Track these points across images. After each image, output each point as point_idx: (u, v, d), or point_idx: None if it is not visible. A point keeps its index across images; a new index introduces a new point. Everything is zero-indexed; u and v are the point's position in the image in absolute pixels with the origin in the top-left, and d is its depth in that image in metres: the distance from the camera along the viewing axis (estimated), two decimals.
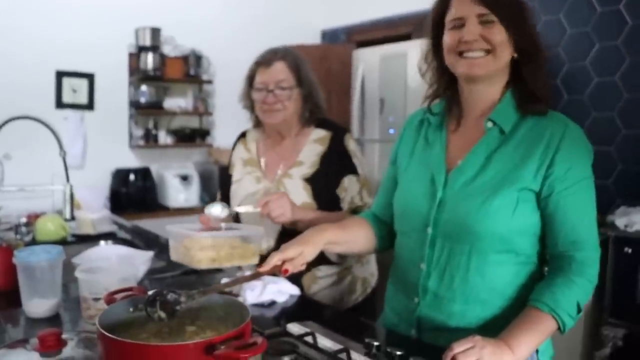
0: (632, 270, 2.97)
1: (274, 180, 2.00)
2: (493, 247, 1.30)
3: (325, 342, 1.27)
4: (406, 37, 4.55)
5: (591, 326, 3.17)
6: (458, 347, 1.16)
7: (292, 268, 1.33)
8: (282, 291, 1.68)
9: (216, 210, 1.75)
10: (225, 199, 2.15)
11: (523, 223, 1.29)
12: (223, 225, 1.76)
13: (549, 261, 1.33)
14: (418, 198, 1.41)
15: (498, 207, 1.27)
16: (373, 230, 1.58)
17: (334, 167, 1.95)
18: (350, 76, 4.54)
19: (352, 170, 1.96)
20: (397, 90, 4.08)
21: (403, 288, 1.46)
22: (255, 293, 1.64)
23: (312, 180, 1.94)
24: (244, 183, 2.08)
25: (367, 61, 4.36)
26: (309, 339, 1.27)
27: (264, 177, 2.03)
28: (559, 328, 1.24)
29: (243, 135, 2.23)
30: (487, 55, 1.31)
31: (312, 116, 2.02)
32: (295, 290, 1.72)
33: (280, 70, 1.95)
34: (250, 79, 2.02)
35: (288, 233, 1.82)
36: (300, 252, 1.35)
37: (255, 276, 1.33)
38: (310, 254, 1.38)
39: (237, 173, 2.14)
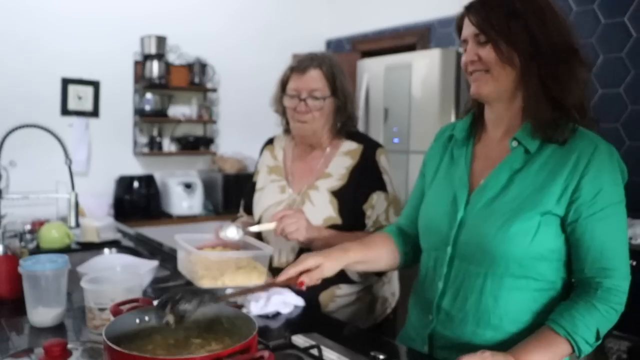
0: (637, 283, 2.95)
1: (300, 192, 1.92)
2: (509, 271, 1.26)
3: (331, 355, 1.26)
4: (411, 48, 4.57)
5: None
6: None
7: (309, 281, 1.32)
8: (286, 302, 1.67)
9: (231, 232, 1.72)
10: (248, 207, 2.10)
11: (544, 248, 1.25)
12: (238, 238, 1.73)
13: (575, 286, 1.28)
14: (440, 216, 1.39)
15: (517, 231, 1.23)
16: (397, 246, 1.55)
17: (363, 182, 1.87)
18: (355, 86, 4.55)
19: (381, 186, 1.88)
20: (401, 100, 4.08)
21: (420, 304, 1.45)
22: (259, 304, 1.63)
23: (339, 194, 1.87)
24: (267, 192, 2.00)
25: (372, 71, 4.37)
26: (314, 351, 1.27)
27: (288, 187, 1.96)
28: (574, 351, 1.21)
29: (270, 141, 2.13)
30: (486, 74, 1.29)
31: (344, 127, 1.94)
32: (299, 302, 1.71)
33: (314, 79, 1.87)
34: (284, 84, 1.94)
35: (306, 250, 1.79)
36: (318, 265, 1.34)
37: (269, 286, 1.32)
38: (330, 269, 1.37)
39: (261, 180, 2.06)
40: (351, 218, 1.84)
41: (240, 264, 1.61)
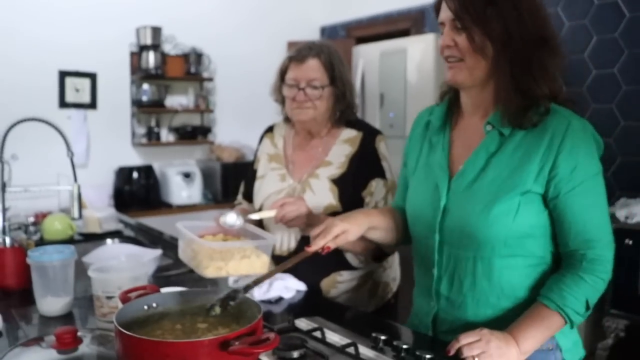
0: (633, 261, 3.00)
1: (301, 180, 1.93)
2: (497, 252, 1.28)
3: (334, 337, 1.30)
4: (405, 33, 4.57)
5: (593, 317, 3.19)
6: (464, 339, 1.19)
7: (334, 245, 1.36)
8: (288, 287, 1.70)
9: (231, 219, 1.72)
10: (249, 195, 2.11)
11: (527, 226, 1.27)
12: (237, 225, 1.73)
13: (562, 259, 1.31)
14: (424, 205, 1.40)
15: (497, 213, 1.26)
16: (403, 221, 1.56)
17: (363, 169, 1.88)
18: (350, 72, 4.56)
19: (381, 173, 1.89)
20: (396, 85, 4.10)
21: (421, 291, 1.47)
22: (262, 290, 1.66)
23: (339, 182, 1.87)
24: (268, 180, 2.00)
25: (367, 57, 4.38)
26: (317, 334, 1.30)
27: (289, 175, 1.96)
28: (566, 322, 1.24)
29: (270, 129, 2.13)
30: (459, 62, 1.29)
31: (343, 116, 1.94)
32: (301, 286, 1.74)
33: (313, 68, 1.87)
34: (282, 73, 1.94)
35: (306, 240, 1.78)
36: (344, 231, 1.37)
37: (303, 256, 1.35)
38: (354, 234, 1.40)
39: (261, 168, 2.06)
40: (351, 205, 1.83)
41: (244, 253, 1.62)
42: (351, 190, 1.87)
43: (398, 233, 1.56)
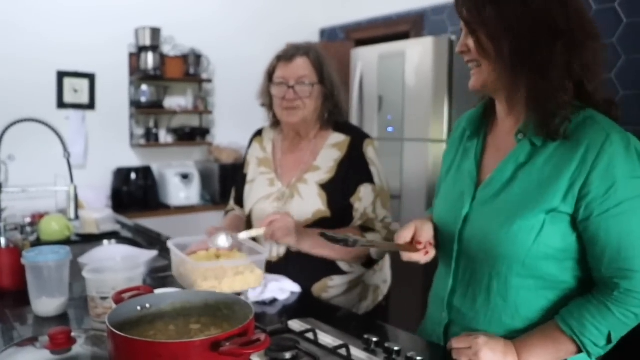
0: None
1: (289, 184, 1.93)
2: (514, 271, 1.19)
3: (326, 339, 1.30)
4: (404, 36, 4.59)
5: None
6: (456, 343, 1.18)
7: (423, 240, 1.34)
8: (283, 289, 1.71)
9: (221, 241, 1.74)
10: (239, 199, 2.12)
11: (550, 248, 1.16)
12: (227, 246, 1.75)
13: (594, 283, 1.18)
14: (448, 212, 1.35)
15: (518, 230, 1.16)
16: None
17: (351, 174, 1.87)
18: (349, 74, 4.57)
19: (369, 178, 1.87)
20: (395, 88, 4.10)
21: (435, 300, 1.43)
22: (257, 291, 1.66)
23: (328, 187, 1.87)
24: (257, 184, 2.01)
25: (366, 59, 4.38)
26: (309, 335, 1.31)
27: (277, 180, 1.96)
28: (581, 351, 1.14)
29: (259, 133, 2.14)
30: (477, 67, 1.22)
31: (332, 118, 1.94)
32: (296, 288, 1.75)
33: (302, 66, 1.87)
34: (270, 74, 1.94)
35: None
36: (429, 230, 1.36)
37: (395, 247, 1.36)
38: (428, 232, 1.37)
39: (251, 173, 2.06)
40: (340, 211, 1.85)
41: (237, 270, 1.62)
42: (340, 196, 1.87)
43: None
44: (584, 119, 1.14)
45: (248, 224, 2.02)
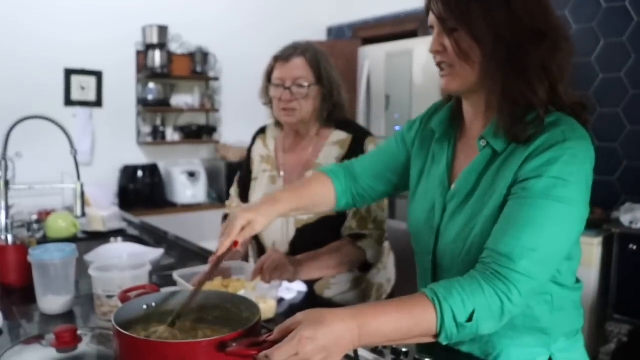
0: (637, 266, 2.99)
1: (290, 183, 1.88)
2: None
3: None
4: (412, 34, 4.57)
5: (596, 322, 3.19)
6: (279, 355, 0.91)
7: (242, 239, 1.23)
8: (290, 288, 1.71)
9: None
10: (244, 195, 2.10)
11: None
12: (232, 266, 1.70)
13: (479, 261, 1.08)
14: (422, 223, 1.29)
15: (473, 240, 1.12)
16: (334, 187, 1.42)
17: None
18: (356, 73, 4.56)
19: None
20: (402, 87, 4.10)
21: None
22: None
23: None
24: (260, 182, 2.01)
25: (373, 58, 4.38)
26: None
27: (279, 178, 1.96)
28: (436, 335, 1.00)
29: (262, 130, 2.13)
30: (451, 69, 1.13)
31: (331, 116, 1.91)
32: (302, 287, 1.74)
33: (298, 67, 1.85)
34: (269, 75, 1.92)
35: (300, 240, 1.83)
36: (249, 221, 1.24)
37: (217, 262, 1.23)
38: (261, 223, 1.26)
39: (255, 170, 2.06)
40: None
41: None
42: None
43: (331, 201, 1.43)
44: (547, 123, 1.08)
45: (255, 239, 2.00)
